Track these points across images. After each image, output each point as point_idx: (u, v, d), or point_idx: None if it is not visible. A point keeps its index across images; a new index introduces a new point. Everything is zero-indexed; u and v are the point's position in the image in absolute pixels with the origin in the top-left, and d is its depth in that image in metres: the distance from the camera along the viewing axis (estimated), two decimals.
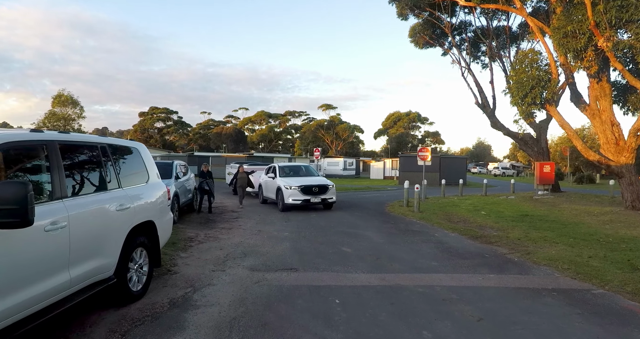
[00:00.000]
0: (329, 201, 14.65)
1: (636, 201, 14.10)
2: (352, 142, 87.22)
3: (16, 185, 2.92)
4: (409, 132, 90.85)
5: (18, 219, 2.91)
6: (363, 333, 4.09)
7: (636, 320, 4.49)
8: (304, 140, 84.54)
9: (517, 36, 25.23)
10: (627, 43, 11.65)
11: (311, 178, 15.32)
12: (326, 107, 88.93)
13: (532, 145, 24.59)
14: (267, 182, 16.47)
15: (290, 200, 14.04)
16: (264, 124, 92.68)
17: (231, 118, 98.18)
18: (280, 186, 14.56)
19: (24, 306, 3.31)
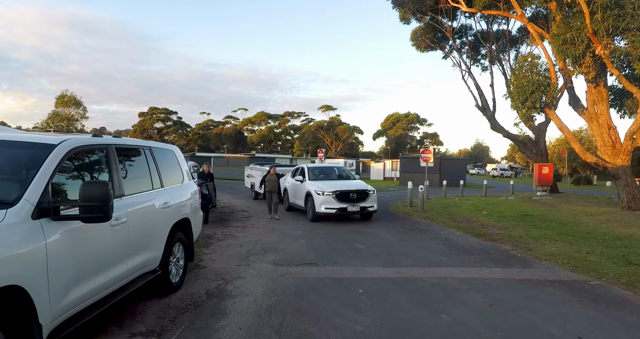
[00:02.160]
0: (369, 210, 12.22)
1: (632, 201, 14.67)
2: (352, 143, 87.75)
3: (100, 185, 3.39)
4: (408, 133, 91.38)
5: (101, 214, 3.35)
6: (389, 316, 4.63)
7: (629, 306, 5.06)
8: (304, 141, 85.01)
9: (517, 40, 25.79)
10: (624, 50, 12.25)
11: (347, 182, 13.20)
12: (326, 108, 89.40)
13: (531, 147, 25.16)
14: (294, 186, 14.14)
15: (323, 209, 11.82)
16: (263, 125, 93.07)
17: (230, 118, 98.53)
18: (310, 191, 12.38)
19: (96, 291, 3.81)
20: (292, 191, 14.42)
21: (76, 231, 3.53)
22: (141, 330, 4.24)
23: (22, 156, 3.67)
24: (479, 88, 26.04)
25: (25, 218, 3.05)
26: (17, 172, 3.54)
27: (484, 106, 25.92)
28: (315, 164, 16.42)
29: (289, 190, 14.72)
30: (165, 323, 4.47)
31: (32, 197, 3.16)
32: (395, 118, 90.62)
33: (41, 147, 3.64)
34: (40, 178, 3.30)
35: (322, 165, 16.21)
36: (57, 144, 3.64)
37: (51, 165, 3.44)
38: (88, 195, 3.29)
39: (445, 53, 27.80)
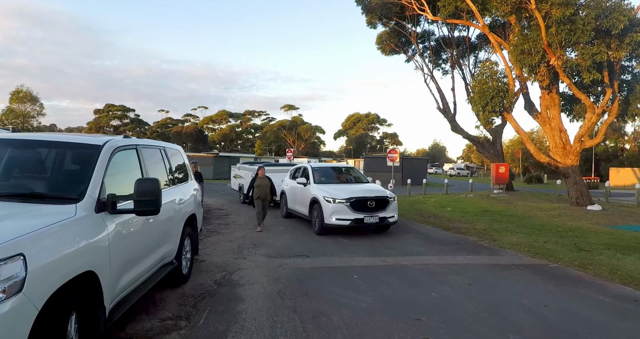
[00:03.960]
0: (388, 221, 9.97)
1: (580, 198, 16.20)
2: (314, 143, 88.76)
3: (152, 181, 3.88)
4: (369, 133, 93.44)
5: (153, 208, 3.84)
6: (387, 296, 5.37)
7: (582, 282, 6.09)
8: (266, 140, 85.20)
9: (476, 46, 27.34)
10: (575, 61, 13.64)
11: (360, 186, 10.89)
12: (288, 107, 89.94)
13: (489, 148, 26.80)
14: (294, 190, 11.96)
15: (334, 220, 9.57)
16: (224, 123, 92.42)
17: (190, 117, 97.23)
18: (316, 197, 10.11)
19: (136, 278, 4.29)
20: (291, 195, 12.25)
21: (125, 224, 4.01)
22: (168, 315, 4.67)
23: (74, 156, 4.11)
24: (441, 92, 27.42)
25: (90, 212, 3.46)
26: (74, 170, 3.99)
27: (445, 109, 27.30)
28: (321, 164, 13.76)
29: (287, 193, 12.57)
30: (188, 309, 4.92)
31: (94, 193, 3.59)
32: (356, 118, 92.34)
33: (89, 148, 4.05)
34: (97, 175, 3.73)
35: (328, 164, 13.75)
36: (102, 145, 4.06)
37: (103, 163, 3.86)
38: (142, 191, 3.74)
39: (409, 57, 29.06)
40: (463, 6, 16.73)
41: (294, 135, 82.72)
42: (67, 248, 2.96)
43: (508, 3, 14.35)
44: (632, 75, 15.70)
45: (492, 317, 4.67)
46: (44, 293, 2.63)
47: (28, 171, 4.00)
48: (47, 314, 2.66)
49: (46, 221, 2.95)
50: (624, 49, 13.18)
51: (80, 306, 3.17)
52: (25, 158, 4.07)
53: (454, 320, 4.54)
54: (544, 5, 13.51)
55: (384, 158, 29.45)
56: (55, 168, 4.03)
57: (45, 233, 2.83)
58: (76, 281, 3.00)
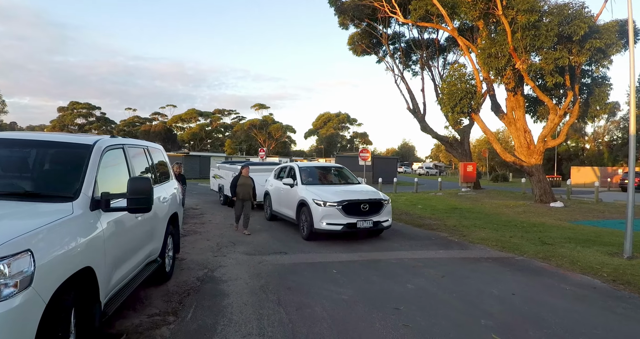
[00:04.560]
0: (382, 226, 9.24)
1: (543, 195, 16.99)
2: (285, 142, 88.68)
3: (144, 180, 4.01)
4: (339, 133, 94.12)
5: (145, 206, 3.96)
6: (366, 288, 5.65)
7: (546, 273, 6.58)
8: (236, 139, 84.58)
9: (445, 48, 28.04)
10: (538, 65, 14.36)
11: (352, 188, 10.22)
12: (259, 106, 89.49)
13: (457, 148, 27.59)
14: (280, 191, 11.22)
15: (324, 225, 8.85)
16: (194, 122, 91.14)
17: (158, 115, 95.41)
18: (305, 200, 9.39)
19: (125, 275, 4.40)
20: (276, 196, 11.56)
21: (117, 222, 4.11)
22: (155, 312, 4.76)
23: (66, 155, 4.18)
24: (411, 92, 27.99)
25: (85, 209, 3.55)
26: (66, 169, 4.06)
27: (415, 109, 27.89)
28: (308, 163, 12.94)
29: (272, 194, 11.87)
30: (174, 305, 5.02)
31: (89, 191, 3.69)
32: (327, 118, 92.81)
33: (80, 147, 4.13)
34: (90, 174, 3.83)
35: (315, 164, 12.83)
36: (93, 144, 4.14)
37: (95, 162, 3.95)
38: (135, 189, 3.85)
39: (380, 58, 29.52)
40: (433, 10, 17.24)
41: (265, 135, 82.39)
42: (69, 245, 3.08)
43: (477, 8, 14.94)
44: (592, 79, 16.59)
45: (465, 305, 5.01)
46: (50, 287, 2.75)
47: (21, 170, 4.06)
48: (53, 309, 2.77)
49: (47, 218, 3.05)
50: (584, 54, 13.95)
51: (79, 302, 3.26)
52: (17, 157, 4.13)
53: (430, 309, 4.86)
54: (510, 11, 14.15)
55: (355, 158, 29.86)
56: (48, 168, 4.10)
57: (48, 230, 2.93)
58: (75, 277, 3.10)
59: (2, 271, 2.46)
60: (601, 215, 13.94)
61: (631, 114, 8.07)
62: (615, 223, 11.89)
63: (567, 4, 13.99)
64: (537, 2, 14.11)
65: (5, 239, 2.56)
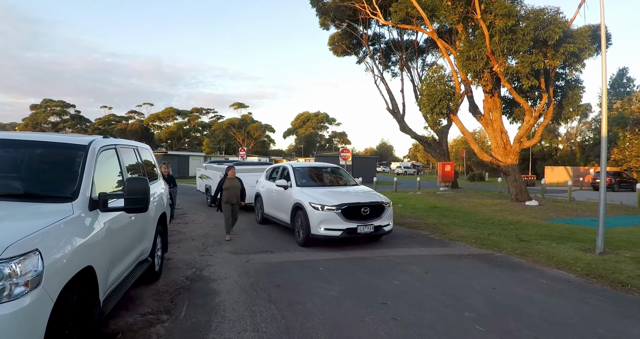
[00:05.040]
0: (384, 231, 8.72)
1: (519, 194, 17.51)
2: (264, 141, 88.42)
3: (141, 181, 4.06)
4: (318, 132, 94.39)
5: (142, 206, 4.03)
6: (354, 284, 5.83)
7: (524, 268, 6.90)
8: (214, 138, 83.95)
9: (424, 50, 28.51)
10: (515, 68, 14.83)
11: (351, 190, 9.63)
12: (238, 105, 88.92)
13: (435, 147, 28.09)
14: (272, 193, 10.61)
15: (322, 230, 8.24)
16: (171, 121, 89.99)
17: (134, 113, 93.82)
18: (301, 203, 8.76)
19: (120, 274, 4.45)
20: (268, 199, 10.90)
21: (113, 221, 4.18)
22: (148, 311, 4.83)
23: (62, 155, 4.21)
24: (390, 93, 28.34)
25: (85, 210, 3.62)
26: (64, 170, 4.10)
27: (394, 109, 28.26)
28: (302, 163, 12.12)
29: (263, 197, 11.22)
30: (166, 304, 5.10)
31: (87, 192, 3.75)
32: (306, 117, 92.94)
33: (76, 148, 4.18)
34: (87, 174, 3.88)
35: (310, 164, 12.04)
36: (88, 145, 4.19)
37: (91, 162, 4.01)
38: (133, 189, 3.92)
39: (360, 58, 29.77)
40: (414, 12, 17.56)
41: (244, 134, 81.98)
42: (73, 245, 3.15)
43: (456, 12, 15.32)
44: (566, 82, 17.21)
45: (449, 299, 5.25)
46: (57, 287, 2.82)
47: (18, 171, 4.08)
48: (59, 308, 2.84)
49: (50, 219, 3.11)
50: (559, 58, 14.48)
51: (80, 301, 3.31)
52: (13, 158, 4.15)
53: (415, 303, 5.08)
54: (488, 15, 14.57)
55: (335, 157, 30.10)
56: (45, 168, 4.12)
57: (53, 231, 3.00)
58: (77, 276, 3.16)
59: (14, 270, 2.51)
60: (574, 213, 14.49)
61: (603, 116, 8.47)
62: (587, 221, 12.40)
63: (543, 9, 14.49)
64: (514, 7, 14.59)
65: (14, 239, 2.62)
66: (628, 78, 48.55)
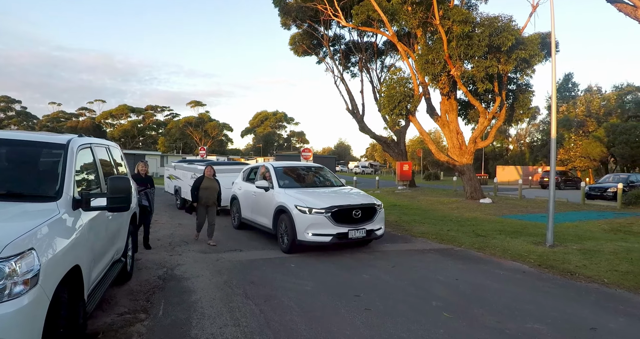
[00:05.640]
0: (376, 235, 8.09)
1: (474, 192, 18.36)
2: (221, 140, 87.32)
3: (124, 180, 4.10)
4: (276, 131, 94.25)
5: (125, 204, 4.08)
6: (326, 279, 6.09)
7: (482, 260, 7.43)
8: (170, 137, 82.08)
9: (383, 52, 29.20)
10: (471, 72, 15.57)
11: (338, 191, 9.09)
12: (195, 103, 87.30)
13: (394, 147, 28.86)
14: (251, 195, 9.74)
15: (310, 235, 7.56)
16: (125, 119, 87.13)
17: (85, 110, 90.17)
18: (285, 206, 8.03)
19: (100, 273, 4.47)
20: (246, 201, 10.10)
21: (94, 220, 4.20)
22: (125, 310, 4.84)
23: (42, 154, 4.19)
24: (350, 94, 28.84)
25: (69, 209, 3.63)
26: (45, 169, 4.10)
27: (354, 110, 28.78)
28: (284, 162, 11.26)
29: (240, 199, 10.42)
30: (142, 303, 5.10)
31: (70, 191, 3.76)
32: (264, 116, 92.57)
33: (55, 146, 4.17)
34: (69, 173, 3.87)
35: (292, 163, 11.20)
36: (67, 144, 4.17)
37: (72, 161, 3.99)
38: (115, 188, 3.98)
39: (320, 58, 30.10)
40: (375, 15, 18.02)
41: (201, 133, 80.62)
42: (62, 244, 3.18)
43: (416, 17, 15.92)
44: (517, 86, 18.23)
45: (416, 290, 5.61)
46: (52, 285, 2.86)
47: None
48: (54, 306, 2.87)
49: (39, 218, 3.13)
50: (511, 64, 15.35)
51: (70, 300, 3.32)
52: None
53: (386, 294, 5.39)
54: (446, 21, 15.23)
55: (295, 157, 30.38)
56: (26, 167, 4.10)
57: (44, 230, 3.02)
58: (66, 276, 3.18)
59: (14, 269, 2.54)
60: (525, 210, 15.39)
61: (552, 119, 9.13)
62: (537, 217, 13.24)
63: (497, 17, 15.31)
64: (471, 14, 15.35)
65: (10, 238, 2.64)
66: (573, 83, 51.59)
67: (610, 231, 10.57)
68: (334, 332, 4.19)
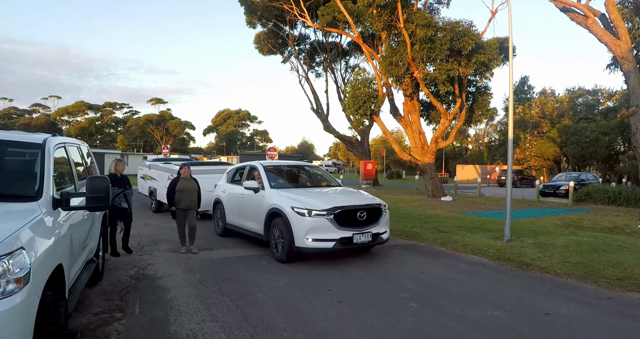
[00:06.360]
0: (382, 239, 7.39)
1: (435, 190, 19.01)
2: (183, 139, 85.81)
3: (103, 179, 4.12)
4: (239, 130, 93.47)
5: (105, 203, 4.12)
6: (297, 275, 6.30)
7: (445, 255, 7.87)
8: (130, 135, 79.97)
9: (347, 52, 29.64)
10: (433, 75, 16.17)
11: (335, 190, 8.44)
12: (156, 101, 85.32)
13: (358, 147, 29.35)
14: (236, 198, 8.92)
15: (310, 241, 6.76)
16: (82, 116, 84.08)
17: (39, 107, 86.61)
18: (280, 208, 7.20)
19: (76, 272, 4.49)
20: (232, 205, 9.13)
21: (72, 220, 4.23)
22: (100, 310, 4.84)
23: (18, 154, 4.19)
24: (315, 93, 29.11)
25: (49, 208, 3.64)
26: (22, 168, 4.09)
27: (318, 109, 29.07)
28: (273, 161, 10.70)
29: (225, 203, 9.41)
30: (117, 302, 5.11)
31: (50, 190, 3.76)
32: (227, 115, 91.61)
33: (32, 146, 4.17)
34: (48, 172, 3.86)
35: (282, 162, 10.36)
36: (43, 143, 4.16)
37: (49, 160, 3.99)
38: (95, 187, 4.02)
39: (285, 58, 30.24)
40: (340, 17, 18.35)
41: (162, 131, 78.93)
42: (47, 243, 3.23)
43: (381, 20, 16.35)
44: (476, 88, 19.03)
45: (385, 283, 5.92)
46: (41, 284, 2.91)
47: None
48: (43, 305, 2.91)
49: (23, 218, 3.16)
50: (471, 67, 16.04)
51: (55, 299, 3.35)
52: None
53: (356, 288, 5.66)
54: (410, 24, 15.74)
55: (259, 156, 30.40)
56: (3, 166, 4.09)
57: (30, 229, 3.05)
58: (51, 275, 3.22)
59: (7, 268, 2.59)
60: (484, 207, 16.07)
61: (509, 120, 9.66)
62: (495, 214, 13.90)
63: (459, 22, 15.95)
64: (433, 18, 15.93)
65: (0, 238, 2.68)
66: (528, 85, 53.85)
67: (563, 227, 11.27)
68: (310, 324, 4.40)
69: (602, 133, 36.52)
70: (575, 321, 4.57)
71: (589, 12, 11.63)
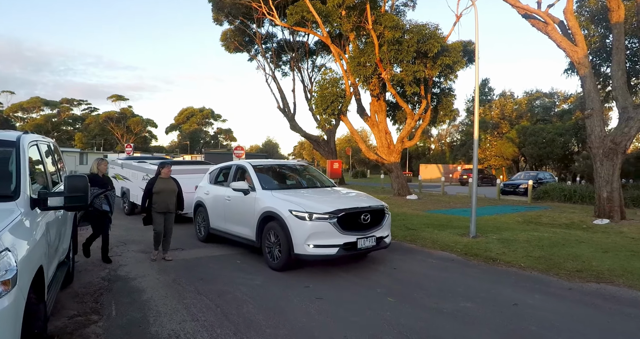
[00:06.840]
0: (385, 243, 6.89)
1: (401, 189, 19.44)
2: (145, 137, 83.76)
3: (82, 178, 4.04)
4: (203, 128, 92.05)
5: (83, 203, 4.02)
6: (274, 274, 6.38)
7: (415, 251, 8.16)
8: (89, 133, 77.34)
9: (314, 52, 29.80)
10: (400, 76, 16.54)
11: (334, 191, 7.86)
12: (117, 97, 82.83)
13: (324, 146, 29.59)
14: (222, 201, 8.24)
15: (311, 247, 6.19)
16: (38, 112, 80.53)
17: None
18: (275, 211, 6.64)
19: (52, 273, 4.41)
20: (217, 208, 8.45)
21: (48, 220, 4.16)
22: (74, 313, 4.74)
23: None
24: (282, 92, 29.12)
25: (27, 209, 3.57)
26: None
27: (285, 108, 29.11)
28: (263, 161, 9.75)
29: (209, 206, 8.73)
30: (91, 305, 5.01)
31: (27, 190, 3.68)
32: (190, 113, 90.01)
33: (5, 144, 4.05)
34: (24, 171, 3.78)
35: (273, 161, 9.91)
36: (17, 141, 4.07)
37: (25, 158, 3.91)
38: (73, 187, 3.93)
39: (252, 56, 30.10)
40: (309, 16, 18.44)
41: (123, 129, 76.76)
42: (29, 244, 3.18)
43: (350, 21, 16.58)
44: (441, 90, 19.61)
45: (360, 280, 6.10)
46: (26, 286, 2.87)
47: None
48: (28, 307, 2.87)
49: (3, 219, 3.09)
50: (437, 69, 16.52)
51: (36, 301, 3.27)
52: None
53: (333, 284, 5.82)
54: (378, 26, 16.04)
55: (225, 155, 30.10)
56: None
57: (12, 230, 3.00)
58: None
59: None
60: (448, 205, 16.59)
61: (475, 121, 10.05)
62: (460, 211, 14.39)
63: (425, 25, 16.40)
64: (401, 21, 16.30)
65: None
66: (489, 87, 55.70)
67: (524, 223, 11.83)
68: (291, 320, 4.50)
69: (558, 134, 38.31)
70: (541, 311, 4.87)
71: (548, 19, 12.21)
